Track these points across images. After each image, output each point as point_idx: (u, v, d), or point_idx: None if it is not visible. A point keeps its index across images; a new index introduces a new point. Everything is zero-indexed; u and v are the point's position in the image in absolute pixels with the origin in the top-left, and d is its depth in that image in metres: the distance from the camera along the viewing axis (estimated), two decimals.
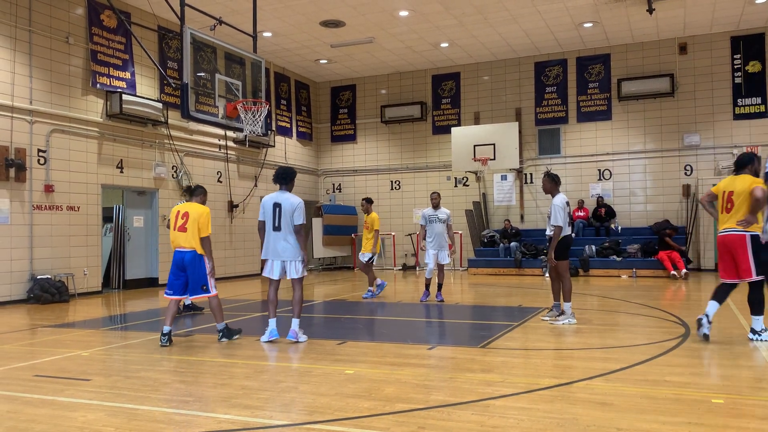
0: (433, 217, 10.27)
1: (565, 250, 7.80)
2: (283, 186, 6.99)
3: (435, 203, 10.38)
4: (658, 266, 14.81)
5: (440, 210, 10.28)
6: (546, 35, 16.14)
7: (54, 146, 11.88)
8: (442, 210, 10.29)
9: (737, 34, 15.92)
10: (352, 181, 20.21)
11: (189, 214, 6.87)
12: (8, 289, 11.02)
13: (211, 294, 6.92)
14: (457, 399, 4.43)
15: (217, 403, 4.48)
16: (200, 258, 6.83)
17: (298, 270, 6.88)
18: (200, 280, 6.84)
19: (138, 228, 14.05)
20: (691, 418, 3.91)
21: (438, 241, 10.20)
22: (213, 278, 6.94)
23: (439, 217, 10.23)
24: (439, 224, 10.21)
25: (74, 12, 12.38)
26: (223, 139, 16.13)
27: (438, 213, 10.25)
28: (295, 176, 7.12)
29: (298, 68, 18.84)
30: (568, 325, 7.64)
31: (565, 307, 7.85)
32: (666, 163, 16.68)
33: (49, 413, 4.27)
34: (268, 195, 7.02)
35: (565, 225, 7.76)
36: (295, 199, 6.86)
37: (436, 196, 10.48)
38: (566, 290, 7.84)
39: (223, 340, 6.92)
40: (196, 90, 9.04)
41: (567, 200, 7.89)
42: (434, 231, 10.20)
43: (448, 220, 10.30)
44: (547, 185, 7.97)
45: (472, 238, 17.94)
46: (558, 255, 7.76)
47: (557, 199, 7.74)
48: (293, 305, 6.94)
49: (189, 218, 6.85)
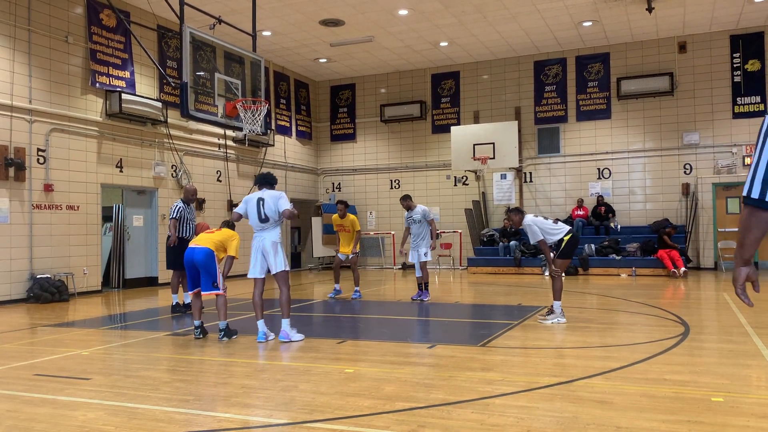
0: (409, 219, 10.49)
1: (573, 248, 7.87)
2: (265, 188, 7.08)
3: (405, 206, 10.53)
4: (658, 265, 14.82)
5: (413, 211, 10.43)
6: (545, 34, 16.14)
7: (53, 145, 11.88)
8: (415, 210, 10.42)
9: (736, 33, 15.93)
10: (351, 180, 20.21)
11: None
12: (8, 289, 11.02)
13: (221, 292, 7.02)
14: (457, 397, 4.43)
15: (217, 401, 4.49)
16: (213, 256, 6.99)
17: (280, 263, 6.84)
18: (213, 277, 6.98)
19: (138, 227, 14.05)
20: (690, 416, 3.92)
21: (415, 240, 10.41)
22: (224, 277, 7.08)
23: (413, 218, 10.41)
24: (414, 225, 10.40)
25: (73, 11, 12.37)
26: (223, 138, 16.13)
27: (412, 214, 10.42)
28: (276, 182, 7.23)
29: (297, 67, 18.83)
30: (557, 324, 7.65)
31: (554, 306, 7.87)
32: (665, 161, 16.69)
33: (50, 412, 4.27)
34: (252, 193, 7.11)
35: (554, 231, 7.85)
36: (278, 191, 7.01)
37: (403, 200, 10.59)
38: (557, 289, 7.86)
39: (224, 339, 6.93)
40: (195, 89, 9.04)
41: (535, 215, 8.08)
42: (411, 232, 10.48)
43: (426, 217, 10.40)
44: (515, 218, 8.08)
45: (472, 237, 17.95)
46: (564, 253, 7.82)
47: (526, 221, 7.89)
48: (281, 306, 6.89)
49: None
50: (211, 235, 7.15)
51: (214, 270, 6.95)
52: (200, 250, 6.94)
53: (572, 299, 10.07)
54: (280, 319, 6.92)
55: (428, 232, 10.36)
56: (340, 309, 9.93)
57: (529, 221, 7.87)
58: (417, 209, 10.40)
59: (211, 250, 6.95)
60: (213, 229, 7.44)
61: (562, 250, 7.84)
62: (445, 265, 18.65)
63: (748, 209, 2.18)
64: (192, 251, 6.99)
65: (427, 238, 10.34)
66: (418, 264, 10.39)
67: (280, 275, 6.88)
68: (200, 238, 7.13)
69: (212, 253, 6.95)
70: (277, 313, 7.00)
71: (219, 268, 7.04)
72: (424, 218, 10.34)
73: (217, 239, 7.08)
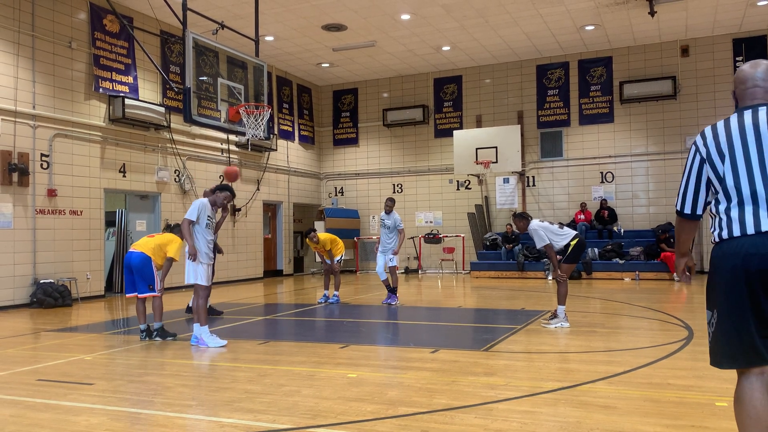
0: (382, 221, 10.66)
1: (579, 253, 7.87)
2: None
3: (386, 209, 10.65)
4: (661, 269, 14.78)
5: (389, 216, 10.57)
6: (547, 38, 16.15)
7: (57, 151, 11.91)
8: (391, 216, 10.58)
9: (739, 37, 15.92)
10: (354, 184, 20.22)
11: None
12: (11, 294, 11.03)
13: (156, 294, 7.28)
14: (460, 402, 4.42)
15: (220, 407, 4.48)
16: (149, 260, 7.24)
17: (192, 274, 6.91)
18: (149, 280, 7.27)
19: (141, 232, 14.05)
20: (694, 421, 3.90)
21: (384, 244, 10.58)
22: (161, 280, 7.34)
23: (385, 222, 10.58)
24: (385, 229, 10.57)
25: (77, 17, 12.42)
26: (226, 143, 16.15)
27: (386, 218, 10.57)
28: (221, 188, 7.30)
29: (300, 72, 18.87)
30: (560, 328, 7.63)
31: (558, 310, 7.85)
32: (668, 165, 16.66)
33: (52, 417, 4.27)
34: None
35: (560, 236, 7.84)
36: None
37: (390, 202, 10.73)
38: (562, 293, 7.84)
39: (158, 339, 7.27)
40: (198, 94, 9.06)
41: (540, 220, 8.10)
42: (382, 234, 10.66)
43: (398, 226, 10.54)
44: (520, 224, 8.10)
45: (475, 242, 17.93)
46: (571, 258, 7.81)
47: (532, 225, 7.90)
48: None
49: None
50: (150, 239, 7.43)
51: (150, 274, 7.19)
52: (136, 254, 7.24)
53: (576, 304, 10.05)
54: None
55: (396, 240, 10.56)
56: (342, 313, 9.92)
57: (535, 226, 7.87)
58: (393, 215, 10.59)
59: (146, 256, 7.20)
60: (153, 234, 7.73)
61: (568, 255, 7.83)
62: (447, 270, 18.63)
63: (677, 217, 3.04)
64: (129, 256, 7.31)
65: (394, 243, 10.55)
66: (381, 268, 10.58)
67: (193, 284, 7.03)
68: (139, 243, 7.41)
69: (148, 258, 7.20)
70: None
71: (162, 270, 7.34)
72: (395, 227, 10.51)
73: (154, 244, 7.32)
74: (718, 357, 2.77)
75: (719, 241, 2.79)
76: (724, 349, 2.73)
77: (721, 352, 2.75)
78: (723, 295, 2.72)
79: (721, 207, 2.80)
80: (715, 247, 2.82)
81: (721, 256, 2.75)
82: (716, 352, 2.78)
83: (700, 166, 2.86)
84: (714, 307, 2.78)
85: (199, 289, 6.98)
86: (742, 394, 2.70)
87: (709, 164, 2.82)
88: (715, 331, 2.77)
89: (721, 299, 2.74)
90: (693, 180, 2.90)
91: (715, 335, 2.78)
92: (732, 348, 2.70)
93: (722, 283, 2.73)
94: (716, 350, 2.78)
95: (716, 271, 2.78)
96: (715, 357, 2.79)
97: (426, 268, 19.00)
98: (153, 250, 7.27)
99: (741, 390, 2.71)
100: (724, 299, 2.72)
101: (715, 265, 2.79)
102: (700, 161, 2.86)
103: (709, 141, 2.83)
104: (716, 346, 2.77)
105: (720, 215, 2.80)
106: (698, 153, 2.87)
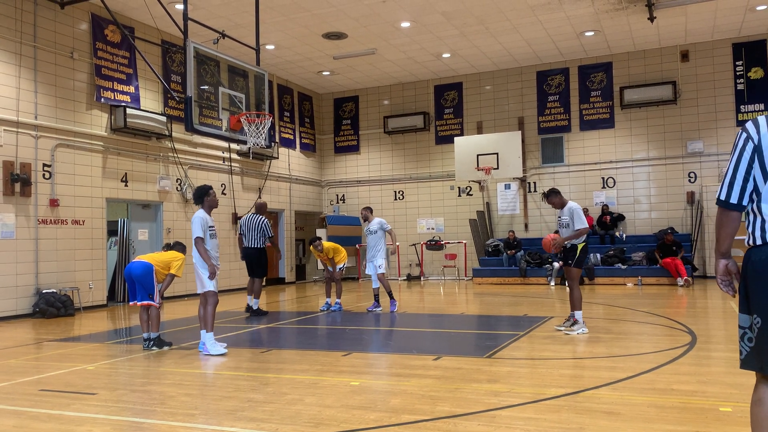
0: (366, 231, 10.82)
1: (585, 256, 7.88)
2: (197, 205, 7.28)
3: (363, 218, 10.89)
4: (663, 274, 14.75)
5: (371, 223, 10.73)
6: (547, 44, 16.20)
7: (59, 160, 11.94)
8: (372, 222, 10.73)
9: (739, 41, 15.95)
10: (355, 191, 20.24)
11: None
12: (14, 304, 11.04)
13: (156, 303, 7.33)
14: (463, 410, 4.41)
15: (223, 416, 4.48)
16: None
17: (206, 281, 6.98)
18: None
19: (143, 241, 14.08)
20: (698, 426, 3.89)
21: (371, 252, 10.73)
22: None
23: (369, 229, 10.72)
24: (371, 236, 10.70)
25: (78, 27, 12.48)
26: (227, 151, 16.19)
27: (369, 226, 10.73)
28: (204, 194, 7.20)
29: (300, 80, 18.93)
30: (582, 334, 7.60)
31: (577, 316, 7.82)
32: (670, 170, 16.67)
33: (56, 428, 4.27)
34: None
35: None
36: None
37: (364, 210, 10.96)
38: (577, 298, 7.82)
39: (153, 349, 7.29)
40: (199, 103, 9.09)
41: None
42: (367, 243, 10.81)
43: (383, 228, 10.67)
44: (555, 200, 8.03)
45: (477, 248, 17.91)
46: (579, 261, 7.82)
47: (574, 205, 7.89)
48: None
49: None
50: (158, 255, 7.55)
51: (150, 283, 7.23)
52: (139, 264, 7.27)
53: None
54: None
55: (384, 245, 10.66)
56: (344, 321, 9.91)
57: (577, 206, 7.87)
58: (374, 221, 10.71)
59: (149, 265, 7.24)
60: (162, 251, 7.85)
61: (578, 258, 7.83)
62: (450, 276, 18.61)
63: (719, 209, 2.76)
64: (131, 265, 7.34)
65: (382, 250, 10.63)
66: (374, 275, 10.65)
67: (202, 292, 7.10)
68: (146, 256, 7.50)
69: (150, 266, 7.23)
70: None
71: (163, 283, 7.38)
72: (381, 229, 10.62)
73: (159, 258, 7.42)
74: (765, 361, 2.65)
75: (762, 244, 2.64)
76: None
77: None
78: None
79: (765, 206, 2.63)
80: (756, 250, 2.67)
81: (766, 260, 2.61)
82: (761, 357, 2.66)
83: (752, 154, 2.66)
84: (757, 312, 2.64)
85: (209, 296, 7.00)
86: (765, 396, 2.69)
87: (758, 155, 2.65)
88: (761, 336, 2.65)
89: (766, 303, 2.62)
90: (743, 168, 2.67)
91: (760, 339, 2.66)
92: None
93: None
94: (762, 354, 2.65)
95: (760, 277, 2.63)
96: (759, 360, 2.68)
97: (428, 275, 18.99)
98: (157, 262, 7.32)
99: (764, 392, 2.69)
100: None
101: (758, 270, 2.64)
102: (753, 149, 2.67)
103: (763, 130, 2.64)
104: (763, 350, 2.65)
105: (764, 216, 2.64)
106: (750, 140, 2.68)
